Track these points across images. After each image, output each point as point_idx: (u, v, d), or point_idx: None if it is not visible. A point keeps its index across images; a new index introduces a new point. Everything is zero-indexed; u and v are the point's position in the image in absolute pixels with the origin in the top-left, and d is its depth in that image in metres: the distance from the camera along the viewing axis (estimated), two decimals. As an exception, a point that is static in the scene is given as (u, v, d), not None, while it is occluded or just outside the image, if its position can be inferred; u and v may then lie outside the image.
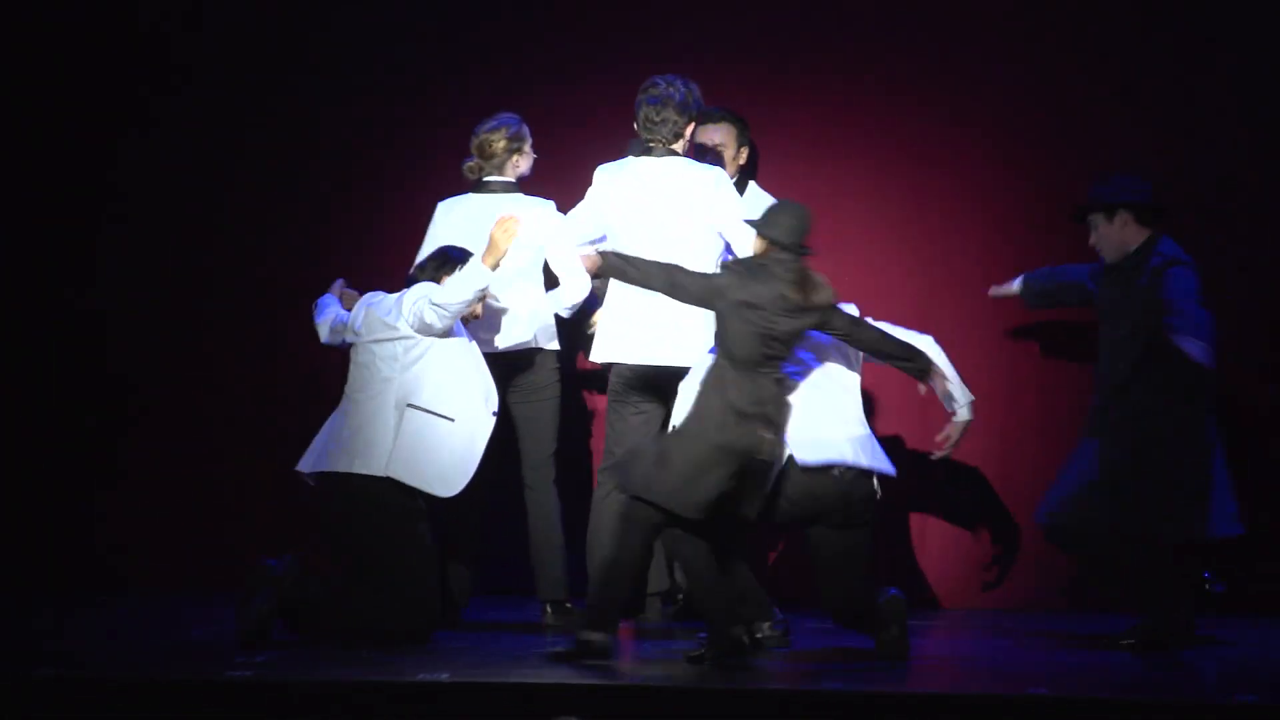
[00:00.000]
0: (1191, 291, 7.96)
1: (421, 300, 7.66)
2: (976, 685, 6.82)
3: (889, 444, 8.18)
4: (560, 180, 8.62)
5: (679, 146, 8.12)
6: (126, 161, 9.52)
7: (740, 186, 8.59)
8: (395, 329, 7.68)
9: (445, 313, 7.63)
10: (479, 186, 8.39)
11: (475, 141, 8.38)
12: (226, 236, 9.43)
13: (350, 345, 7.85)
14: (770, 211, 7.44)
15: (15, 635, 7.95)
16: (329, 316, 8.02)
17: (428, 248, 8.19)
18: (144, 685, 6.70)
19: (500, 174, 8.37)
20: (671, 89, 8.06)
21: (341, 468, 7.66)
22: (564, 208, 8.38)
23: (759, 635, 7.62)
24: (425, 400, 7.67)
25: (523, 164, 8.41)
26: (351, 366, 7.83)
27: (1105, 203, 8.16)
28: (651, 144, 8.11)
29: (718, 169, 8.21)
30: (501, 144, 8.36)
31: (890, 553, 9.08)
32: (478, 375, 7.82)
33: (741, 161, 8.68)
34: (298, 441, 7.93)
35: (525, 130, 8.42)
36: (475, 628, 8.12)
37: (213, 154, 9.48)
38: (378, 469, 7.63)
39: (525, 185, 8.43)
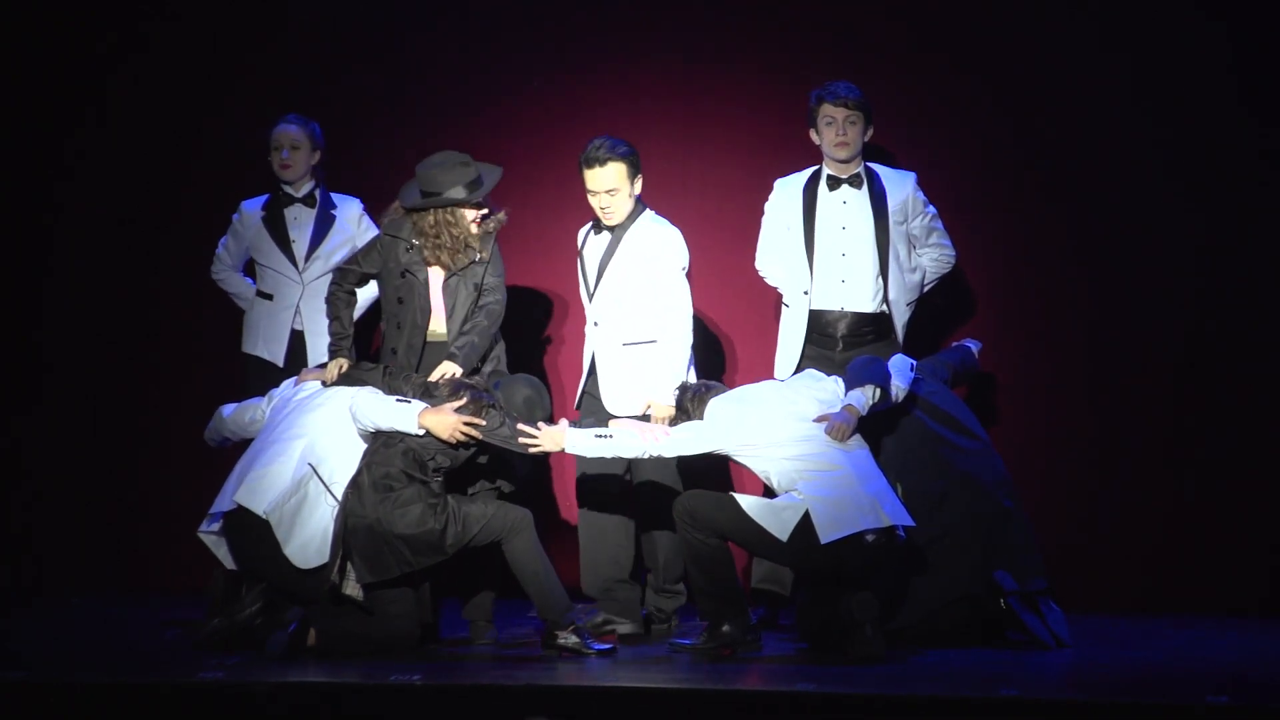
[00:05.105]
0: None
1: (353, 401, 7.65)
2: (949, 687, 6.83)
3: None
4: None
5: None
6: (80, 164, 9.49)
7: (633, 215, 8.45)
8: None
9: (360, 424, 7.63)
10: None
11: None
12: (186, 242, 9.35)
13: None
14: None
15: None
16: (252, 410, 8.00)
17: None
18: (114, 688, 6.69)
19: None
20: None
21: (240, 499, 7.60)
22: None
23: None
24: (326, 473, 7.63)
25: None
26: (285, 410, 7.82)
27: None
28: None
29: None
30: None
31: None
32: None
33: (637, 191, 8.51)
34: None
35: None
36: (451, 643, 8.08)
37: (166, 156, 9.46)
38: (260, 509, 7.55)
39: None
